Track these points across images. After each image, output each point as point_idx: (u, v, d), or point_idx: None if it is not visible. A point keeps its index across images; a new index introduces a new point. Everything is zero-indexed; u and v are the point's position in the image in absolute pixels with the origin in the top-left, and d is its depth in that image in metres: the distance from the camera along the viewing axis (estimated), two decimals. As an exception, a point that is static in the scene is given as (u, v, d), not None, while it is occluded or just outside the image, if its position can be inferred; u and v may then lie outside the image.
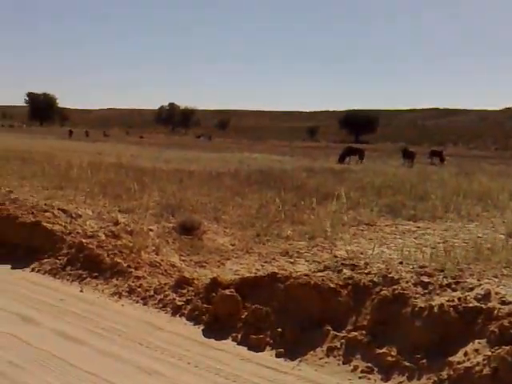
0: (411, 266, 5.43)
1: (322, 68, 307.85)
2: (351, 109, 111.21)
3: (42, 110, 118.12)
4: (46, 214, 8.26)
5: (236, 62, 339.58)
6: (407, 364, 4.18)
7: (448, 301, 4.43)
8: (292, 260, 6.91)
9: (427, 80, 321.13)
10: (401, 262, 5.62)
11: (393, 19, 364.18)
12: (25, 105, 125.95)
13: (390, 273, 5.09)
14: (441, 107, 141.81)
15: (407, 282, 4.86)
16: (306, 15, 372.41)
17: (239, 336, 4.91)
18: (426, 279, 4.90)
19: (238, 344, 4.83)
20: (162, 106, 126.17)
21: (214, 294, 5.38)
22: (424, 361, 4.15)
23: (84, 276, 6.61)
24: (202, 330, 5.14)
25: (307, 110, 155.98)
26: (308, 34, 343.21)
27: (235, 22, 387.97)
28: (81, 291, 6.26)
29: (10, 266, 7.16)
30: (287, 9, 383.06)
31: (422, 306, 4.47)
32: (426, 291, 4.71)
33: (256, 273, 6.06)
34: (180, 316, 5.45)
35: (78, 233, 7.62)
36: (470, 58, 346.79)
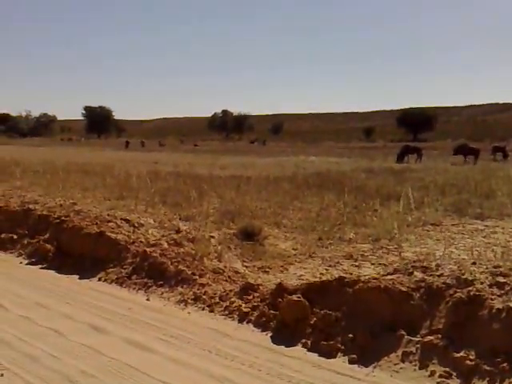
0: (484, 267, 5.21)
1: (376, 67, 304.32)
2: (407, 107, 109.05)
3: (98, 122, 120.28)
4: (110, 224, 8.39)
5: (288, 64, 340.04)
6: (487, 368, 4.03)
7: (527, 301, 4.24)
8: (357, 263, 6.79)
9: (485, 74, 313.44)
10: (474, 263, 5.40)
11: (446, 13, 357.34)
12: (82, 118, 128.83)
13: (463, 274, 4.90)
14: (500, 102, 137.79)
15: (482, 283, 4.69)
16: (357, 13, 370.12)
17: (309, 342, 4.82)
18: (501, 279, 4.71)
19: (309, 350, 4.74)
20: (215, 113, 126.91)
21: (280, 300, 5.31)
22: (505, 364, 4.00)
23: (149, 284, 6.67)
24: (271, 336, 5.09)
25: (362, 111, 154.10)
26: (361, 33, 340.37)
27: (284, 24, 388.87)
28: (147, 299, 6.31)
29: (77, 277, 7.31)
30: (343, 8, 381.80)
31: (500, 307, 4.31)
32: (503, 292, 4.53)
33: (321, 277, 5.98)
34: (247, 323, 5.41)
35: (141, 242, 7.70)
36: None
